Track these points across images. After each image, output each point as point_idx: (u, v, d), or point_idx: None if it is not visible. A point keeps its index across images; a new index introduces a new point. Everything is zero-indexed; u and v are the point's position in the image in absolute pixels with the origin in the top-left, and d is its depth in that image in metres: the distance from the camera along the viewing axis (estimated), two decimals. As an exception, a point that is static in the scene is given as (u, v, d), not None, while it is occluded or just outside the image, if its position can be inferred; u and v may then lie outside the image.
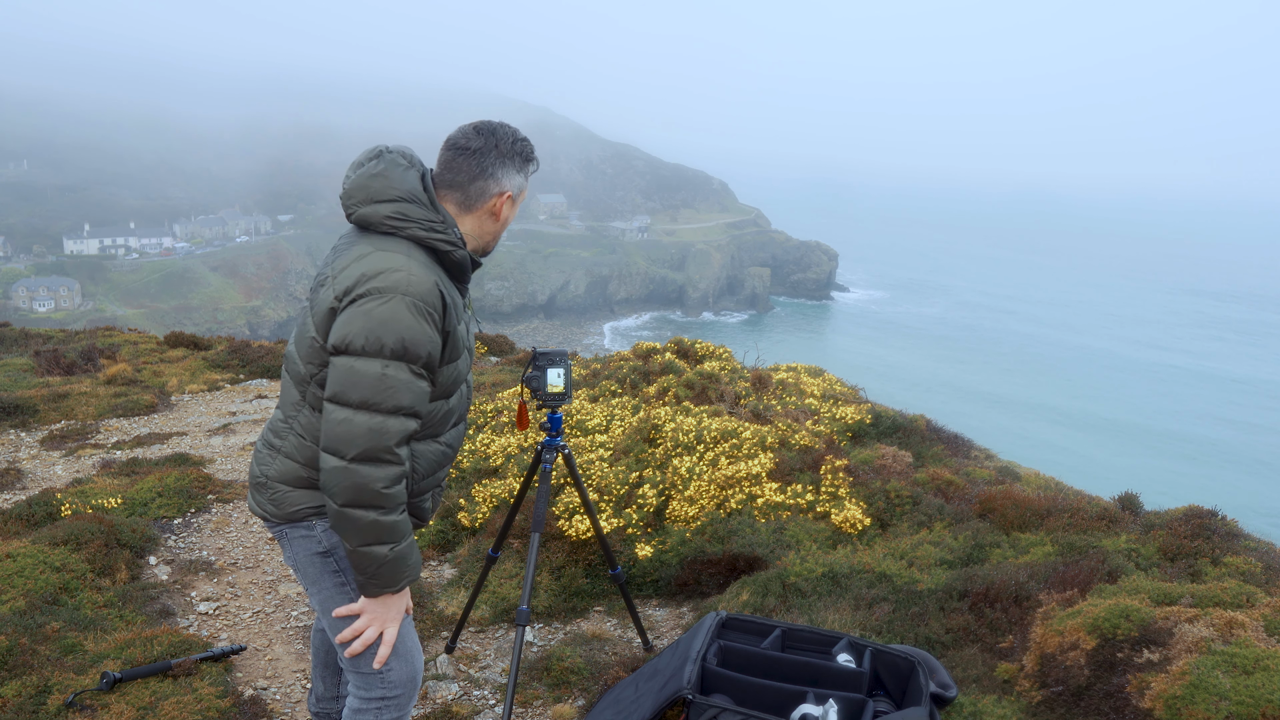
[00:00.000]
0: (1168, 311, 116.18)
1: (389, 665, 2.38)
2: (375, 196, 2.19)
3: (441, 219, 2.22)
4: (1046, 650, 3.11)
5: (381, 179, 2.20)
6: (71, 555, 4.31)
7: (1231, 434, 68.82)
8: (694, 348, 7.70)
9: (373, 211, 2.18)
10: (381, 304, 2.06)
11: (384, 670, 2.38)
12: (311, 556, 2.35)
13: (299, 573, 2.41)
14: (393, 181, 2.20)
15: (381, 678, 2.38)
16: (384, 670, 2.38)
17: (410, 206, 2.18)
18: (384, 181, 2.20)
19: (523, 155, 2.31)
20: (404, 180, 2.21)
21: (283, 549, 2.43)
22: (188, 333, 13.48)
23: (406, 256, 2.13)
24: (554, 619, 4.34)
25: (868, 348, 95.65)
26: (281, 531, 2.39)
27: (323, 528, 2.35)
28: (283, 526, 2.37)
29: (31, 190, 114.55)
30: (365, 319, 2.05)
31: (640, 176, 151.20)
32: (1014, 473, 5.37)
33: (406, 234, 2.17)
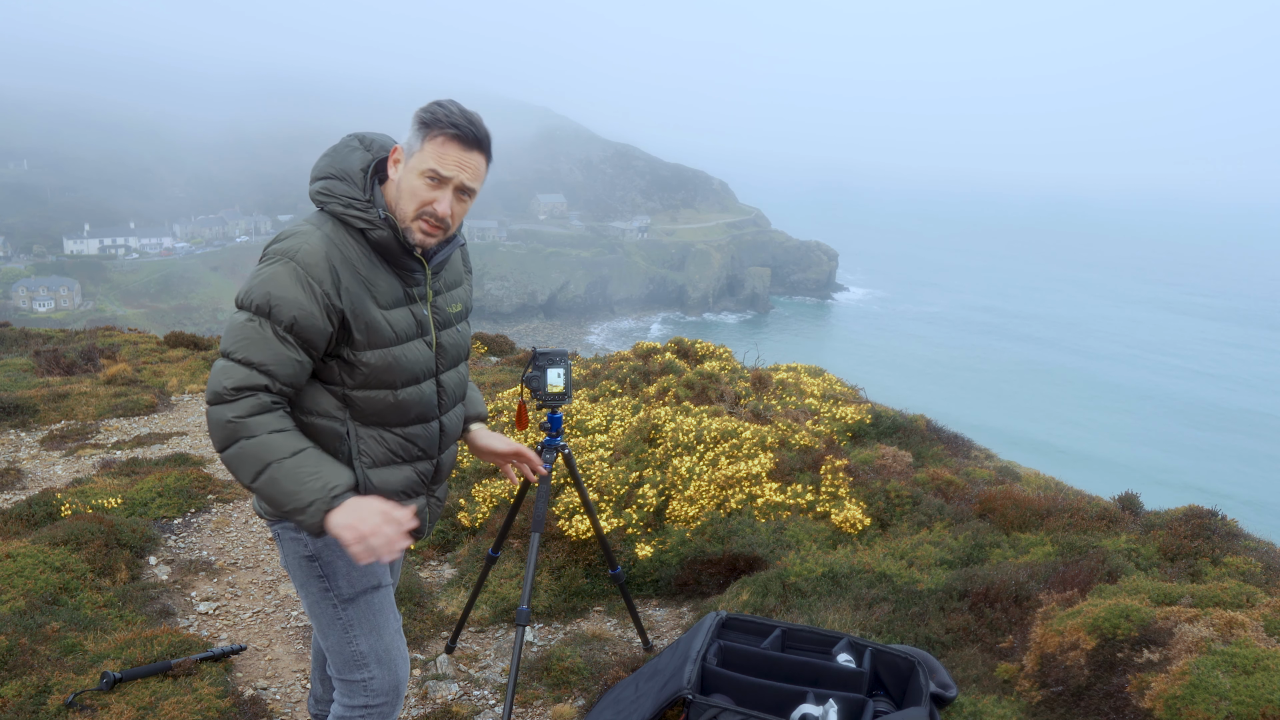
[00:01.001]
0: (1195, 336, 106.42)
1: (371, 673, 2.35)
2: (314, 174, 2.24)
3: (367, 199, 2.19)
4: (1046, 650, 3.11)
5: (326, 158, 2.25)
6: (71, 555, 4.31)
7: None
8: (694, 348, 7.71)
9: (311, 189, 2.23)
10: (268, 265, 2.11)
11: (366, 678, 2.36)
12: (299, 559, 2.32)
13: (290, 575, 2.39)
14: (334, 160, 2.23)
15: (364, 685, 2.36)
16: (366, 678, 2.36)
17: (335, 183, 2.19)
18: (327, 160, 2.24)
19: (420, 117, 2.18)
20: (344, 160, 2.23)
21: (279, 549, 2.41)
22: (188, 333, 13.48)
23: (314, 227, 2.16)
24: (554, 619, 4.34)
25: (868, 348, 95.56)
26: (277, 531, 2.36)
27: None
28: (277, 526, 2.34)
29: (31, 190, 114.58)
30: (252, 277, 2.12)
31: (640, 176, 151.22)
32: (1014, 473, 5.38)
33: (328, 209, 2.19)
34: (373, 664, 2.36)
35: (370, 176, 2.22)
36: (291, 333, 2.09)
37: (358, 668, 2.35)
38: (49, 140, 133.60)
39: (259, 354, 2.08)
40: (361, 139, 2.27)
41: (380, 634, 2.38)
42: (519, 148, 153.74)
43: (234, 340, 2.09)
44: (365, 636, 2.35)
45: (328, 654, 2.40)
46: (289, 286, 2.07)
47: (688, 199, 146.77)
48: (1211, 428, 70.75)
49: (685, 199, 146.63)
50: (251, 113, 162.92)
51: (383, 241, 2.20)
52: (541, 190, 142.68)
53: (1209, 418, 73.21)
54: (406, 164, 2.19)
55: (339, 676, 2.38)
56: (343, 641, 2.35)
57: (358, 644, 2.35)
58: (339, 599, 2.32)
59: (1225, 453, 64.27)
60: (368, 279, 2.18)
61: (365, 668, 2.36)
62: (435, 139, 2.16)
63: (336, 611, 2.33)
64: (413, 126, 2.19)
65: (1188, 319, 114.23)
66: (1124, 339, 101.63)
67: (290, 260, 2.09)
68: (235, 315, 2.11)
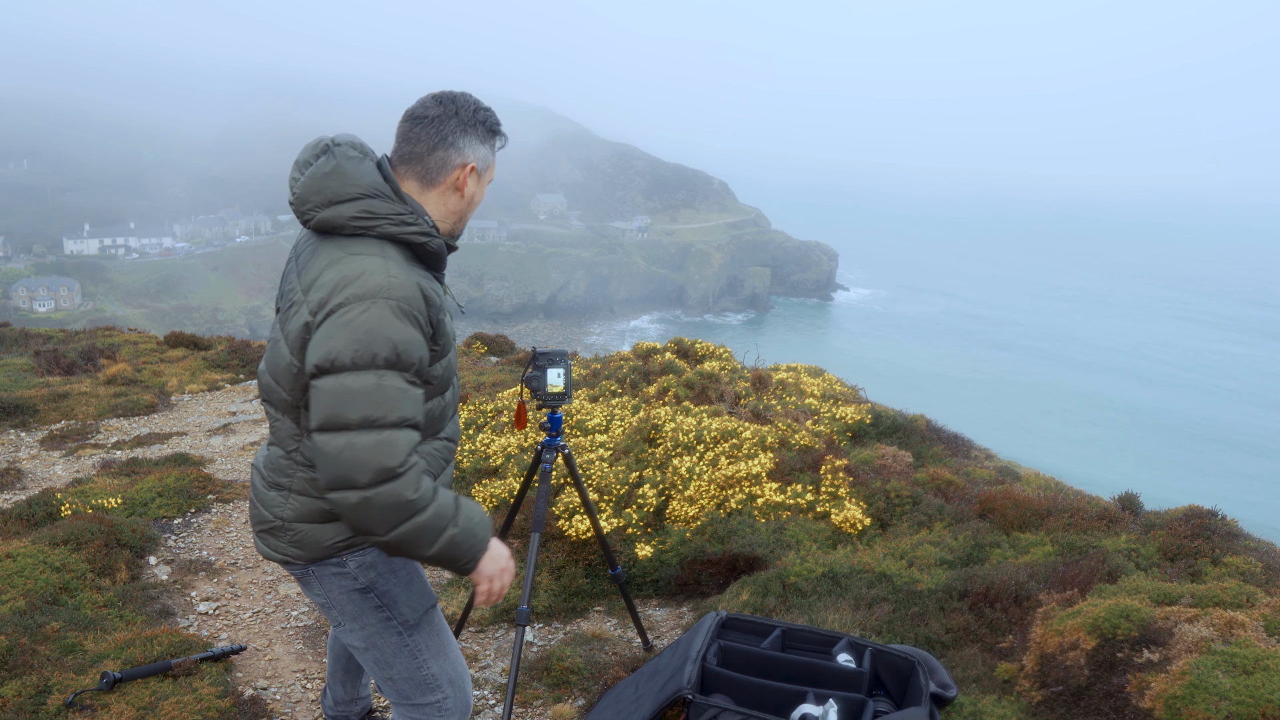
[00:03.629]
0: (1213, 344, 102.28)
1: (445, 693, 2.30)
2: (335, 197, 1.97)
3: (410, 210, 2.03)
4: (1046, 650, 3.11)
5: (337, 176, 1.98)
6: (71, 555, 4.31)
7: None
8: (694, 347, 7.71)
9: (335, 214, 1.97)
10: (363, 311, 1.87)
11: (439, 699, 2.30)
12: (350, 594, 2.20)
13: (333, 610, 2.23)
14: (350, 177, 1.99)
15: (438, 706, 2.31)
16: (439, 699, 2.30)
17: (375, 202, 1.98)
18: (341, 179, 1.98)
19: (486, 125, 2.11)
20: (361, 174, 2.00)
21: (306, 585, 2.23)
22: (188, 333, 13.48)
23: (382, 258, 1.94)
24: (554, 619, 4.33)
25: (868, 347, 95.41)
26: (306, 571, 2.20)
27: (356, 563, 2.17)
28: (309, 566, 2.19)
29: (31, 190, 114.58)
30: (349, 330, 1.86)
31: (640, 176, 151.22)
32: (1014, 473, 5.37)
33: (376, 233, 1.97)
34: (445, 684, 2.31)
35: (395, 184, 2.06)
36: (418, 374, 1.98)
37: (430, 690, 2.29)
38: (49, 140, 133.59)
39: (407, 408, 1.92)
40: (354, 145, 2.06)
41: (447, 653, 2.33)
42: (519, 148, 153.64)
43: (373, 405, 1.86)
44: (435, 659, 2.30)
45: (391, 683, 2.29)
46: (401, 328, 1.90)
47: (688, 199, 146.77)
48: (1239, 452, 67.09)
49: (685, 199, 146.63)
50: (252, 113, 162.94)
51: (436, 250, 2.07)
52: (541, 190, 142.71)
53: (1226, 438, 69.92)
54: (482, 179, 2.16)
55: (408, 702, 2.30)
56: (413, 667, 2.27)
57: (429, 667, 2.29)
58: (404, 626, 2.25)
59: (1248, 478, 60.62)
60: (436, 292, 2.06)
61: (439, 689, 2.30)
62: (492, 143, 2.17)
63: (403, 639, 2.25)
64: (482, 140, 2.12)
65: (1207, 330, 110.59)
66: (1135, 352, 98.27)
67: (388, 299, 1.88)
68: (352, 379, 1.86)
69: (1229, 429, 72.58)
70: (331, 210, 1.97)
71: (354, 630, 2.25)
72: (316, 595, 2.25)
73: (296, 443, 2.13)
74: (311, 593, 2.25)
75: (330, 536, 2.15)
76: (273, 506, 2.18)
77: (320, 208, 1.99)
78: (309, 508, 2.14)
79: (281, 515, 2.16)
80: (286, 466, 2.16)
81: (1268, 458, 65.25)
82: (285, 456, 2.16)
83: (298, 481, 2.14)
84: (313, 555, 2.16)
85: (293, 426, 2.12)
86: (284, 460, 2.16)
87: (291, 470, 2.15)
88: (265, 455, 2.24)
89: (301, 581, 2.25)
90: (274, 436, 2.20)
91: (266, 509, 2.19)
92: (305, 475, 2.13)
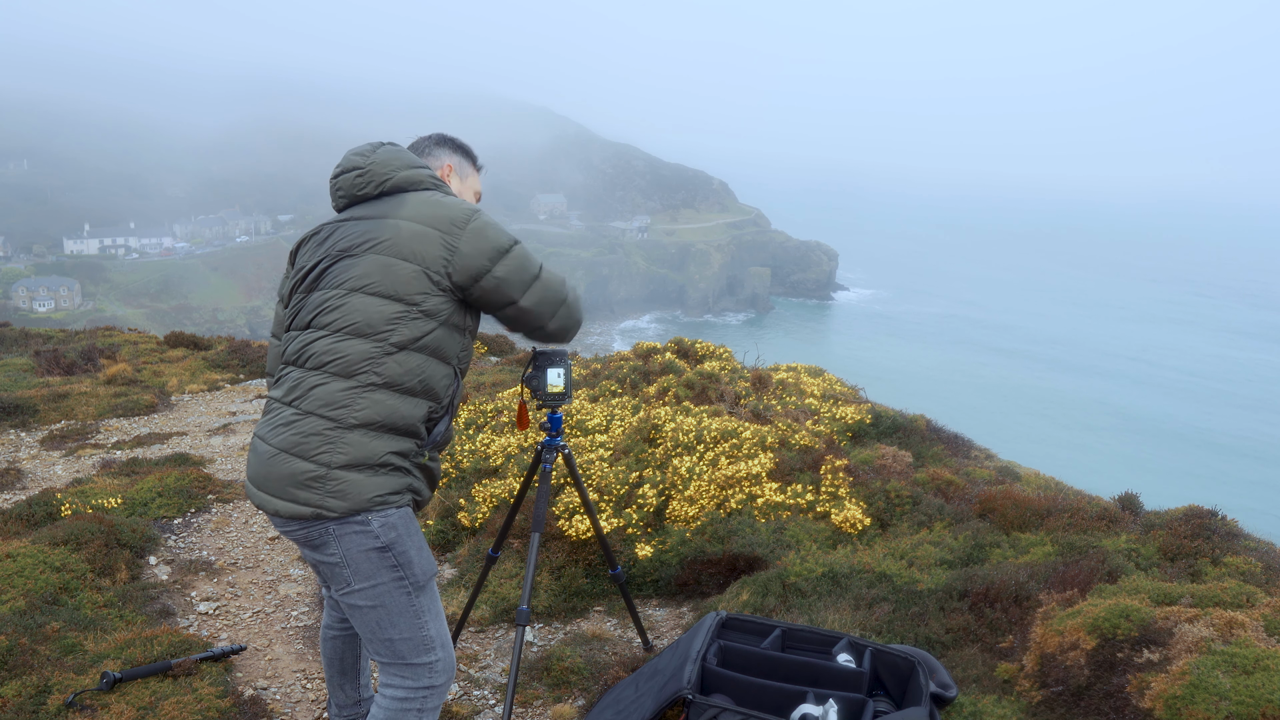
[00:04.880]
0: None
1: (438, 655, 2.45)
2: (412, 163, 2.51)
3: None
4: (1046, 650, 3.11)
5: (406, 154, 2.54)
6: (71, 555, 4.31)
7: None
8: (694, 347, 7.71)
9: (415, 174, 2.49)
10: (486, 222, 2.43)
11: (434, 660, 2.44)
12: (367, 553, 2.31)
13: (346, 569, 2.34)
14: (413, 155, 2.56)
15: (431, 667, 2.44)
16: (434, 660, 2.44)
17: (430, 172, 2.55)
18: (410, 155, 2.55)
19: (461, 147, 2.76)
20: (415, 157, 2.58)
21: (319, 546, 2.34)
22: (188, 333, 13.48)
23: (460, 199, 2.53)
24: (554, 619, 4.33)
25: (868, 348, 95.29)
26: (326, 529, 2.29)
27: (379, 522, 2.30)
28: (330, 523, 2.28)
29: (31, 190, 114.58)
30: (491, 230, 2.42)
31: (640, 176, 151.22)
32: (1014, 473, 5.37)
33: (442, 189, 2.54)
34: (438, 647, 2.45)
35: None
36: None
37: (427, 651, 2.43)
38: (49, 141, 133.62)
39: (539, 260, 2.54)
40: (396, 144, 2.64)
41: (441, 619, 2.50)
42: (519, 148, 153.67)
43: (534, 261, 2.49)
44: (433, 621, 2.45)
45: (389, 644, 2.40)
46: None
47: (688, 199, 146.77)
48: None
49: (685, 199, 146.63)
50: (252, 113, 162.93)
51: None
52: (541, 190, 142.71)
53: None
54: (464, 181, 2.76)
55: (405, 662, 2.42)
56: (415, 627, 2.41)
57: (428, 629, 2.43)
58: (414, 587, 2.39)
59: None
60: None
61: (434, 650, 2.44)
62: (478, 171, 2.82)
63: (410, 599, 2.39)
64: (454, 151, 2.75)
65: (1209, 334, 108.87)
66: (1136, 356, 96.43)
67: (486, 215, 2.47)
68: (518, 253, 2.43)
69: (1229, 435, 71.92)
70: (412, 171, 2.50)
71: (363, 589, 2.35)
72: (330, 555, 2.34)
73: (373, 364, 2.31)
74: (324, 553, 2.35)
75: (372, 490, 2.29)
76: (317, 453, 2.28)
77: (400, 169, 2.49)
78: (363, 450, 2.29)
79: (329, 462, 2.27)
80: (347, 397, 2.30)
81: (1266, 463, 64.85)
82: (351, 386, 2.31)
83: (363, 411, 2.29)
84: (349, 507, 2.27)
85: (371, 348, 2.32)
86: (346, 391, 2.30)
87: (353, 400, 2.29)
88: (310, 399, 2.34)
89: (314, 542, 2.34)
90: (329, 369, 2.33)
91: (307, 458, 2.28)
92: (373, 400, 2.30)
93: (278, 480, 2.31)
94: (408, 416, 2.35)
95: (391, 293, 2.32)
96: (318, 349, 2.36)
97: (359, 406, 2.29)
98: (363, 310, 2.32)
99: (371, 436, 2.30)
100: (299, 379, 2.38)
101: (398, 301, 2.32)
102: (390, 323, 2.32)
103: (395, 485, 2.34)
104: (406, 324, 2.33)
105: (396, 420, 2.33)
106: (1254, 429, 73.28)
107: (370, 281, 2.34)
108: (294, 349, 2.43)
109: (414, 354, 2.34)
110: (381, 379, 2.31)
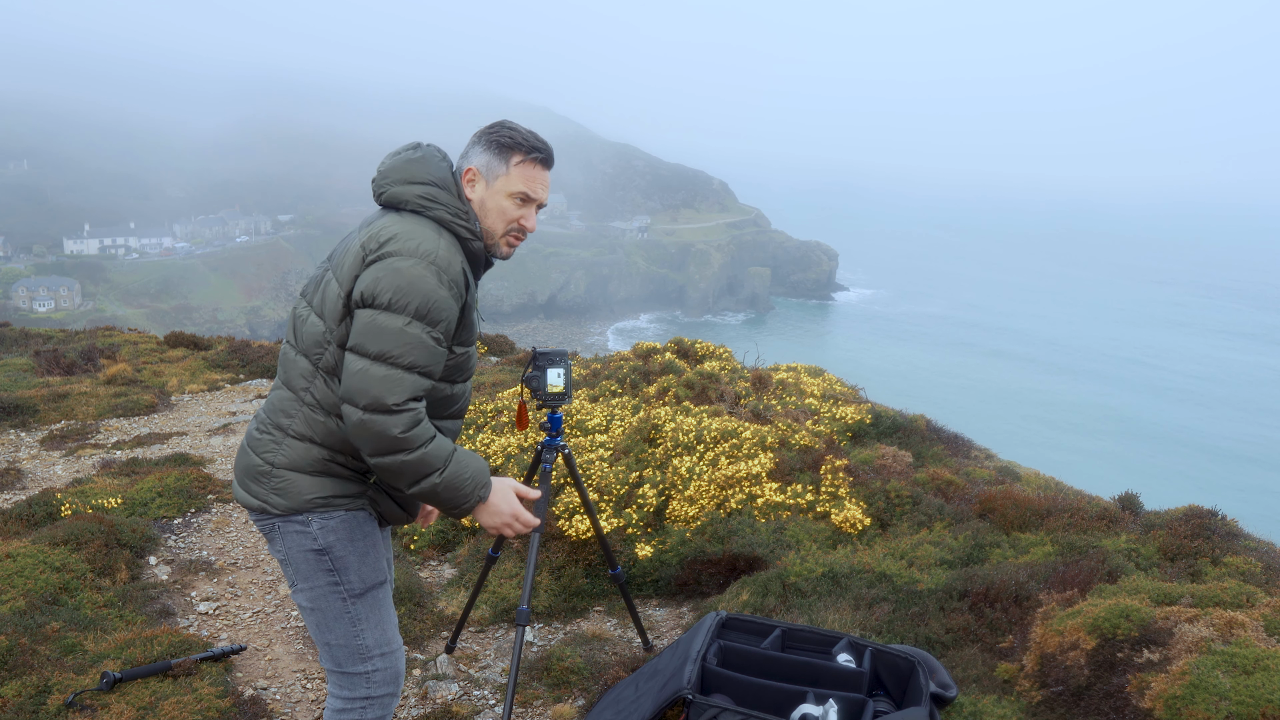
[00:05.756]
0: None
1: (375, 665, 2.40)
2: (410, 178, 2.29)
3: (466, 210, 2.32)
4: (1046, 650, 3.11)
5: (419, 164, 2.31)
6: (71, 555, 4.31)
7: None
8: (694, 347, 7.71)
9: (405, 190, 2.27)
10: (412, 265, 2.13)
11: (370, 670, 2.40)
12: (305, 553, 2.33)
13: (289, 566, 2.38)
14: (429, 167, 2.31)
15: (367, 677, 2.40)
16: (370, 670, 2.40)
17: (439, 191, 2.28)
18: (421, 166, 2.31)
19: (498, 140, 2.34)
20: (438, 168, 2.32)
21: (271, 540, 2.38)
22: (188, 333, 13.47)
23: (437, 234, 2.23)
24: (554, 619, 4.33)
25: (868, 348, 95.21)
26: (273, 524, 2.33)
27: (319, 524, 2.31)
28: (275, 519, 2.32)
29: (31, 190, 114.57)
30: (394, 275, 2.12)
31: (640, 176, 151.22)
32: (1014, 473, 5.37)
33: (433, 214, 2.26)
34: (376, 657, 2.41)
35: (459, 188, 2.35)
36: (445, 335, 2.21)
37: (362, 660, 2.40)
38: (49, 141, 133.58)
39: (422, 357, 2.15)
40: (437, 149, 2.38)
41: (384, 627, 2.43)
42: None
43: (394, 344, 2.11)
44: (371, 630, 2.40)
45: (327, 648, 2.40)
46: (438, 289, 2.15)
47: (688, 199, 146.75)
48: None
49: (685, 199, 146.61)
50: (252, 114, 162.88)
51: (475, 252, 2.35)
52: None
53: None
54: (491, 185, 2.34)
55: (340, 670, 2.41)
56: (349, 635, 2.38)
57: (364, 637, 2.39)
58: (349, 593, 2.36)
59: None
60: (472, 282, 2.33)
61: (370, 660, 2.40)
62: (522, 164, 2.34)
63: (345, 605, 2.37)
64: (487, 149, 2.34)
65: (1211, 337, 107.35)
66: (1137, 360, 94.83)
67: (432, 264, 2.15)
68: (383, 318, 2.12)
69: (1229, 439, 71.46)
70: (403, 187, 2.28)
71: (303, 589, 2.38)
72: (277, 550, 2.38)
73: (308, 382, 2.28)
74: (273, 547, 2.39)
75: (310, 491, 2.29)
76: (264, 451, 2.32)
77: (395, 184, 2.30)
78: (301, 455, 2.29)
79: (273, 460, 2.30)
80: (291, 407, 2.31)
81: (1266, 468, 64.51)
82: (293, 398, 2.31)
83: (298, 422, 2.29)
84: (289, 506, 2.29)
85: (309, 367, 2.28)
86: (290, 401, 2.31)
87: (295, 410, 2.30)
88: (269, 401, 2.38)
89: (267, 535, 2.38)
90: (284, 378, 2.35)
91: (257, 454, 2.33)
92: (306, 416, 2.28)
93: (240, 470, 2.39)
94: (342, 437, 2.28)
95: (321, 312, 2.27)
96: (285, 356, 2.38)
97: (299, 417, 2.30)
98: (310, 328, 2.30)
99: (309, 447, 2.30)
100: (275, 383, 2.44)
101: (324, 322, 2.26)
102: (319, 345, 2.27)
103: (341, 490, 2.32)
104: (330, 350, 2.25)
105: (330, 440, 2.29)
106: (1257, 433, 72.96)
107: (321, 300, 2.30)
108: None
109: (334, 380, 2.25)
110: (312, 400, 2.29)
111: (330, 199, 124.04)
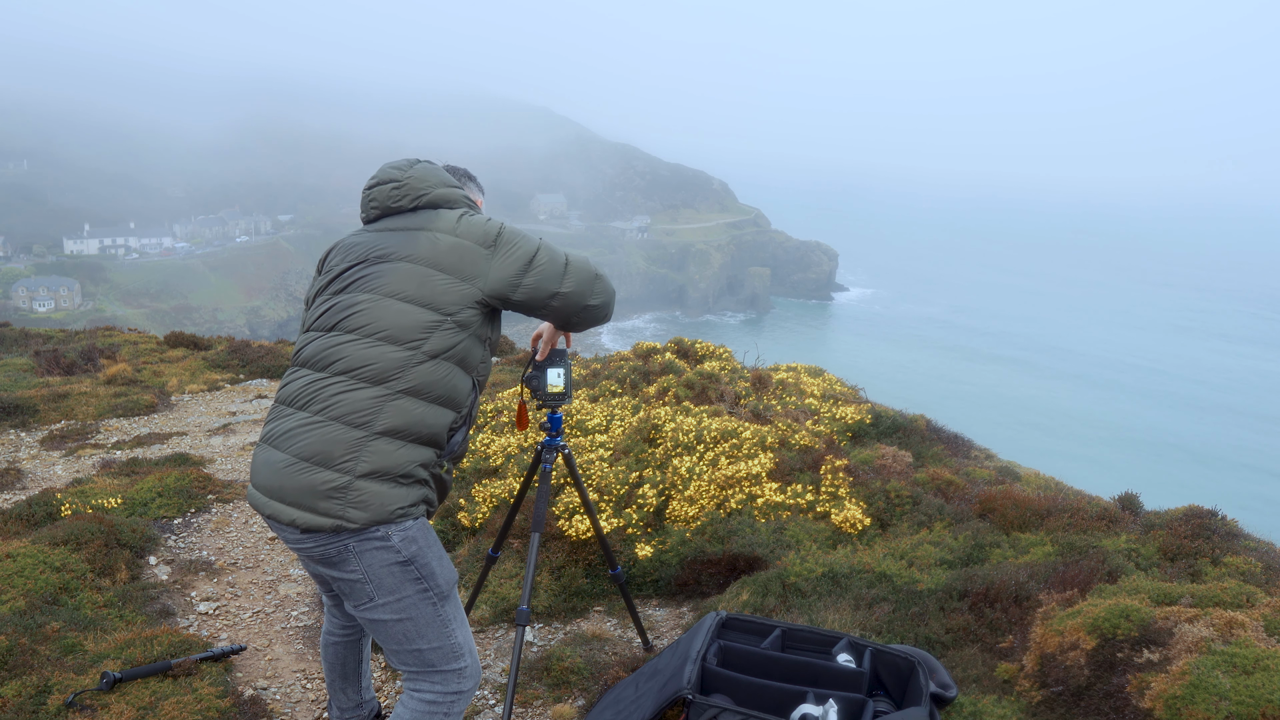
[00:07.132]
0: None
1: (466, 661, 2.49)
2: (448, 181, 2.61)
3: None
4: (1046, 650, 3.11)
5: (442, 173, 2.64)
6: (71, 555, 4.31)
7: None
8: (694, 347, 7.71)
9: (450, 191, 2.59)
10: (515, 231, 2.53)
11: (463, 666, 2.48)
12: (390, 567, 2.32)
13: (368, 585, 2.34)
14: (449, 175, 2.68)
15: (460, 673, 2.48)
16: (463, 666, 2.48)
17: (465, 195, 2.66)
18: (446, 174, 2.65)
19: (478, 183, 2.97)
20: (459, 186, 2.70)
21: (338, 563, 2.33)
22: (188, 333, 13.48)
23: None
24: (554, 619, 4.33)
25: (868, 348, 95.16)
26: (344, 545, 2.28)
27: (400, 537, 2.31)
28: (348, 540, 2.27)
29: (31, 190, 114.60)
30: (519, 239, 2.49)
31: (640, 176, 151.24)
32: (1014, 473, 5.38)
33: (475, 211, 2.63)
34: (466, 653, 2.50)
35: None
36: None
37: (456, 658, 2.47)
38: (49, 141, 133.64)
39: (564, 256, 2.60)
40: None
41: (466, 624, 2.53)
42: (519, 149, 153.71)
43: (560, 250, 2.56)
44: (460, 628, 2.49)
45: (418, 654, 2.43)
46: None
47: (688, 199, 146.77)
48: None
49: (685, 199, 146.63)
50: (251, 114, 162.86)
51: None
52: (541, 190, 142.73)
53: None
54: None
55: (434, 669, 2.46)
56: (443, 635, 2.44)
57: (456, 636, 2.47)
58: (439, 597, 2.43)
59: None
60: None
61: (462, 657, 2.48)
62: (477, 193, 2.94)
63: (436, 609, 2.42)
64: (474, 185, 2.92)
65: (1213, 340, 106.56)
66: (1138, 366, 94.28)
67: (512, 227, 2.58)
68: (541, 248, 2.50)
69: (1230, 447, 71.05)
70: (447, 189, 2.60)
71: (388, 603, 2.36)
72: (350, 572, 2.32)
73: (402, 372, 2.32)
74: (343, 570, 2.33)
75: (394, 501, 2.30)
76: (339, 462, 2.26)
77: (437, 186, 2.58)
78: (386, 457, 2.28)
79: (353, 470, 2.26)
80: (372, 404, 2.29)
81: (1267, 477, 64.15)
82: (377, 393, 2.30)
83: (387, 417, 2.29)
84: (370, 518, 2.26)
85: (404, 355, 2.33)
86: (371, 399, 2.30)
87: (380, 406, 2.29)
88: (330, 409, 2.32)
89: (333, 559, 2.33)
90: (355, 375, 2.33)
91: (329, 466, 2.26)
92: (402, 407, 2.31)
93: (295, 491, 2.28)
94: (432, 425, 2.37)
95: (427, 302, 2.37)
96: (347, 353, 2.34)
97: (386, 413, 2.30)
98: (395, 317, 2.35)
99: (396, 445, 2.31)
100: (316, 383, 2.35)
101: (433, 311, 2.36)
102: (424, 331, 2.35)
103: (414, 497, 2.37)
104: (440, 333, 2.36)
105: (420, 429, 2.34)
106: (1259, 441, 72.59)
107: (404, 290, 2.37)
108: (313, 351, 2.41)
109: (443, 363, 2.38)
110: (410, 386, 2.33)
111: (330, 199, 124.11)
